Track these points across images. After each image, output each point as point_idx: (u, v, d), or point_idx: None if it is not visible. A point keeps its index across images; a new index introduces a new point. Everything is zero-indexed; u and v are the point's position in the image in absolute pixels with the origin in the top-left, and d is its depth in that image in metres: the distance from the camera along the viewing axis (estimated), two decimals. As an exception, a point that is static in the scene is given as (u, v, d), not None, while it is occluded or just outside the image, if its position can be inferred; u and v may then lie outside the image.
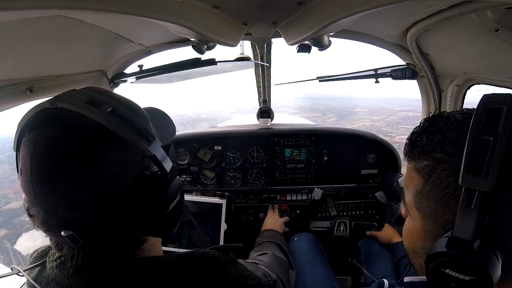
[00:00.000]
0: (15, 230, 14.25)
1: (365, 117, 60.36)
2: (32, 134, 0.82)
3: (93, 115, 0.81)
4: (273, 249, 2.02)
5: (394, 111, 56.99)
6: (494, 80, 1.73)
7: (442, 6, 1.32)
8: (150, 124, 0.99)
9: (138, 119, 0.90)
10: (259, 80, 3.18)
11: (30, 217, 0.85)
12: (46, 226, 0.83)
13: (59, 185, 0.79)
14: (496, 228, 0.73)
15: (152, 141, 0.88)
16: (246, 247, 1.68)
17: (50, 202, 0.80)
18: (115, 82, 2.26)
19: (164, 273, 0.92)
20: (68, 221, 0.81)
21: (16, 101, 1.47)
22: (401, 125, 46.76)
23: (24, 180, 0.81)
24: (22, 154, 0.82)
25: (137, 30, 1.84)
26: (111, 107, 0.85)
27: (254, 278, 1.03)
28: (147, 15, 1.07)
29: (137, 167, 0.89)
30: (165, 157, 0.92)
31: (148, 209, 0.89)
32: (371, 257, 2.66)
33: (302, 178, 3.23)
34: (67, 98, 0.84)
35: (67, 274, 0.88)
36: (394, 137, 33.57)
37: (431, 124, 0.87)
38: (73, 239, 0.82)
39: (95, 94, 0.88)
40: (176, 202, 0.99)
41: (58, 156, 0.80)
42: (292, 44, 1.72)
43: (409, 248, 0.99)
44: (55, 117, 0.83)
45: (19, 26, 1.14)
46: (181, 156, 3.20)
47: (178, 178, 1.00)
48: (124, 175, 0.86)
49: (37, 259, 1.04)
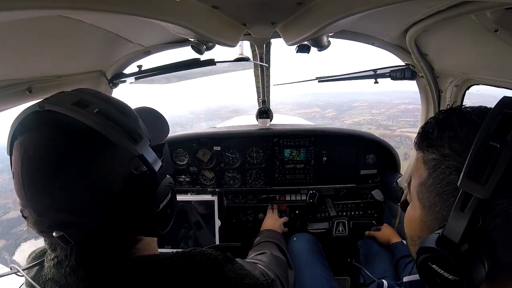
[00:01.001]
0: (14, 240, 14.11)
1: (365, 111, 60.52)
2: (22, 137, 0.83)
3: (79, 116, 0.81)
4: (272, 248, 2.02)
5: (394, 104, 57.16)
6: (494, 80, 1.73)
7: (441, 7, 1.32)
8: (140, 124, 0.99)
9: (125, 119, 0.89)
10: (258, 81, 3.18)
11: (24, 219, 0.86)
12: (39, 228, 0.84)
13: (49, 187, 0.80)
14: (488, 235, 0.73)
15: (139, 140, 0.88)
16: (245, 247, 1.68)
17: (41, 204, 0.81)
18: (114, 82, 2.25)
19: (161, 272, 0.92)
20: (59, 222, 0.82)
21: (16, 101, 1.47)
22: (401, 118, 46.88)
23: (16, 183, 0.82)
24: (14, 157, 0.83)
25: (136, 31, 1.84)
26: (98, 108, 0.85)
27: (252, 277, 1.03)
28: (146, 15, 1.07)
29: (126, 167, 0.89)
30: (154, 157, 0.93)
31: (138, 209, 0.89)
32: (370, 257, 2.66)
33: (301, 179, 3.24)
34: (55, 100, 0.85)
35: (64, 273, 0.88)
36: (395, 131, 33.62)
37: (445, 118, 0.87)
38: (65, 240, 0.82)
39: (83, 95, 0.89)
40: (167, 201, 0.99)
41: (47, 158, 0.80)
42: (291, 44, 1.72)
43: (408, 234, 1.00)
44: (43, 119, 0.84)
45: (18, 26, 1.14)
46: (180, 156, 3.21)
47: (169, 177, 1.01)
48: (113, 176, 0.87)
49: (35, 259, 1.04)
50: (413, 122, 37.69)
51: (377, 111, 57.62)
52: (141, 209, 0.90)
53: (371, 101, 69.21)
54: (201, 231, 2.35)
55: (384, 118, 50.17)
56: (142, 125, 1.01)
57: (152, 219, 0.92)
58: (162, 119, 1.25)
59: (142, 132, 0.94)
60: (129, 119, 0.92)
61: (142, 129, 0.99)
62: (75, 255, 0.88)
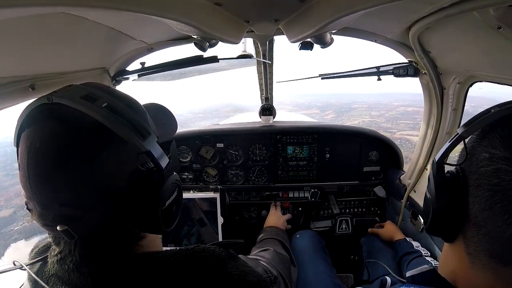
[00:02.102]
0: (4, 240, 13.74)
1: (364, 113, 60.33)
2: (29, 129, 0.83)
3: (87, 110, 0.81)
4: (275, 245, 2.02)
5: (393, 106, 56.99)
6: (497, 77, 1.73)
7: (444, 4, 1.31)
8: (148, 120, 0.99)
9: (134, 114, 0.89)
10: (261, 78, 3.18)
11: (29, 211, 0.86)
12: (43, 221, 0.84)
13: (54, 180, 0.80)
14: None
15: (147, 136, 0.87)
16: (248, 244, 1.69)
17: (46, 197, 0.81)
18: (117, 79, 2.26)
19: (164, 269, 0.92)
20: (63, 216, 0.82)
21: (18, 98, 1.47)
22: (400, 121, 46.68)
23: (21, 175, 0.82)
24: (21, 149, 0.83)
25: (139, 27, 1.84)
26: (106, 102, 0.84)
27: (255, 274, 1.03)
28: (150, 12, 1.07)
29: (133, 163, 0.89)
30: (161, 153, 0.92)
31: (143, 206, 0.89)
32: (373, 255, 2.66)
33: (304, 176, 3.25)
34: (63, 93, 0.85)
35: (68, 269, 0.88)
36: (395, 133, 33.45)
37: None
38: (69, 234, 0.82)
39: (92, 89, 0.88)
40: (173, 199, 0.98)
41: (53, 152, 0.80)
42: (294, 41, 1.72)
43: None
44: (50, 112, 0.83)
45: (21, 23, 1.14)
46: (183, 153, 3.22)
47: (176, 174, 1.00)
48: (119, 171, 0.86)
49: (38, 254, 1.04)
50: (412, 124, 37.46)
51: (376, 113, 57.37)
52: (147, 206, 0.89)
53: (370, 103, 68.96)
54: (204, 228, 2.36)
55: (383, 120, 49.91)
56: (150, 121, 1.01)
57: (157, 217, 0.92)
58: (171, 116, 1.24)
59: (150, 128, 0.93)
60: (137, 115, 0.91)
61: (150, 125, 0.99)
62: (79, 250, 0.88)
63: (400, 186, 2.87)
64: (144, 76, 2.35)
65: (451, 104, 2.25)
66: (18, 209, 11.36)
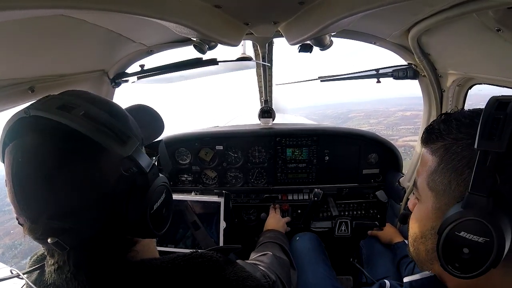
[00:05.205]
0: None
1: (362, 121, 60.26)
2: (11, 145, 0.82)
3: (64, 120, 0.80)
4: (274, 249, 2.02)
5: (391, 112, 56.94)
6: (496, 80, 1.73)
7: (443, 6, 1.32)
8: (129, 123, 0.98)
9: (112, 120, 0.88)
10: (261, 80, 3.18)
11: (21, 226, 0.85)
12: (34, 235, 0.84)
13: (39, 194, 0.80)
14: (503, 195, 0.75)
15: (127, 141, 0.87)
16: (247, 247, 1.68)
17: (33, 212, 0.81)
18: (116, 82, 2.26)
19: (162, 276, 0.91)
20: (52, 229, 0.82)
21: (18, 101, 1.47)
22: (400, 126, 46.56)
23: (8, 190, 0.82)
24: (6, 165, 0.83)
25: (139, 30, 1.84)
26: (83, 110, 0.84)
27: (253, 279, 1.02)
28: (149, 14, 1.07)
29: (116, 169, 0.88)
30: (144, 157, 0.92)
31: (131, 211, 0.88)
32: (372, 257, 2.66)
33: (303, 178, 3.24)
34: (40, 105, 0.84)
35: (66, 278, 0.88)
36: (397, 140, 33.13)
37: (447, 115, 0.94)
38: (60, 246, 0.82)
39: (69, 98, 0.88)
40: (161, 201, 0.98)
41: (34, 166, 0.80)
42: (293, 44, 1.72)
43: (418, 233, 0.98)
44: (29, 126, 0.83)
45: (20, 25, 1.14)
46: (182, 155, 3.21)
47: (163, 176, 1.00)
48: (103, 178, 0.86)
49: (36, 262, 1.04)
50: (413, 129, 37.28)
51: (375, 121, 57.18)
52: (134, 211, 0.89)
53: (367, 111, 68.94)
54: (199, 231, 2.34)
55: (383, 128, 49.61)
56: (133, 125, 0.99)
57: (146, 221, 0.91)
58: (155, 116, 1.24)
59: (131, 132, 0.93)
60: (116, 120, 0.90)
61: (133, 129, 0.98)
62: (73, 260, 0.87)
63: (399, 189, 2.87)
64: (144, 78, 2.35)
65: (450, 107, 2.25)
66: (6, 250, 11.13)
